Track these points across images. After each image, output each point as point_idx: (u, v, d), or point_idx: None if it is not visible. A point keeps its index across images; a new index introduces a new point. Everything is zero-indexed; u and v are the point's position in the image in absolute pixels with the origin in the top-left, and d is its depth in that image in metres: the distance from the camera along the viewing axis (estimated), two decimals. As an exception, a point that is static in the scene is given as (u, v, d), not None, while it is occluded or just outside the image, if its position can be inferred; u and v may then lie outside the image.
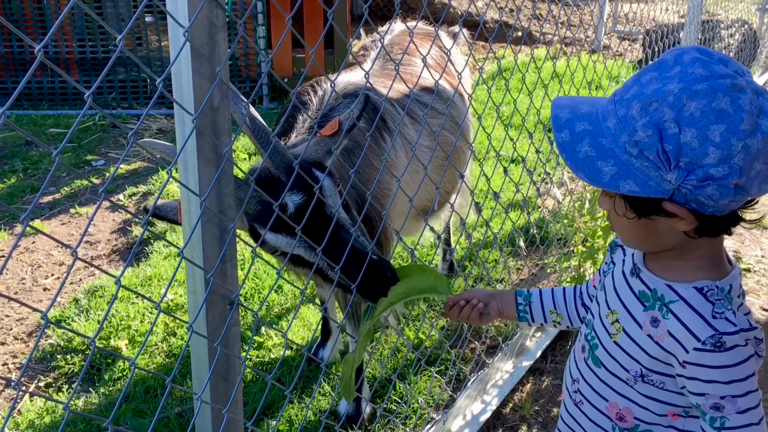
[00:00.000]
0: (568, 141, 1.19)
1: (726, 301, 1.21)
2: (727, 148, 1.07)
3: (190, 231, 1.32)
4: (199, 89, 1.26)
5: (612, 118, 1.16)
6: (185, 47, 1.21)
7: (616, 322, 1.35)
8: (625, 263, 1.40)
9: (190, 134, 1.25)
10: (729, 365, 1.18)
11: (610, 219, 1.30)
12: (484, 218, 2.34)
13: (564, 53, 7.63)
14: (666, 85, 1.10)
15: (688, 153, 1.09)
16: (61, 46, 6.30)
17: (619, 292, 1.37)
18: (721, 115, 1.07)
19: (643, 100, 1.11)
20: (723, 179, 1.08)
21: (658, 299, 1.27)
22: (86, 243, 4.12)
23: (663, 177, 1.11)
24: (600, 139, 1.16)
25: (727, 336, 1.17)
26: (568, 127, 1.20)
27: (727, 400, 1.19)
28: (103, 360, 3.00)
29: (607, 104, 1.20)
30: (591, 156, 1.16)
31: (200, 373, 1.45)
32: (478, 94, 6.19)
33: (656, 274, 1.29)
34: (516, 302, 1.66)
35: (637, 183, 1.13)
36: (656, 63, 1.16)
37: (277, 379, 2.89)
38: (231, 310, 1.43)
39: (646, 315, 1.28)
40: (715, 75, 1.08)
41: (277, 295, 3.46)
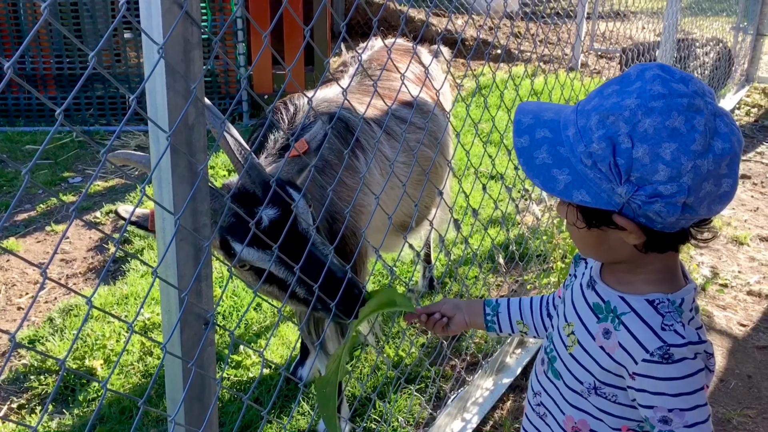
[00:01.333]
0: (527, 147, 1.19)
1: (676, 313, 1.22)
2: (677, 166, 1.08)
3: (165, 249, 1.30)
4: (173, 106, 1.24)
5: (572, 127, 1.17)
6: (159, 64, 1.20)
7: (571, 334, 1.36)
8: (584, 276, 1.41)
9: (165, 151, 1.23)
10: (677, 377, 1.18)
11: (567, 227, 1.31)
12: (463, 235, 2.33)
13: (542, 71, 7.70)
14: (624, 99, 1.12)
15: (638, 168, 1.10)
16: (38, 62, 6.24)
17: (575, 305, 1.38)
18: (674, 133, 1.08)
19: (602, 112, 1.13)
20: (671, 197, 1.09)
21: (611, 311, 1.28)
22: (62, 261, 4.06)
23: (614, 190, 1.13)
24: (558, 148, 1.17)
25: (675, 348, 1.18)
26: (529, 132, 1.21)
27: (674, 413, 1.19)
28: (77, 380, 2.94)
29: (569, 113, 1.21)
30: (547, 163, 1.16)
31: (174, 395, 1.42)
32: (456, 111, 6.22)
33: (610, 287, 1.31)
34: (484, 313, 1.67)
35: (589, 193, 1.14)
36: (620, 76, 1.18)
37: (254, 399, 2.85)
38: (206, 329, 1.40)
39: (599, 327, 1.29)
40: (673, 93, 1.10)
41: (256, 313, 3.42)
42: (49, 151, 5.58)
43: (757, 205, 5.06)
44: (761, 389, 3.06)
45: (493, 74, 2.78)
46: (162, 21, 1.19)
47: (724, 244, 4.41)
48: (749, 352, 3.33)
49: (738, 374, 3.15)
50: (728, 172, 1.11)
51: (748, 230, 4.59)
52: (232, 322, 3.33)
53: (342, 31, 1.66)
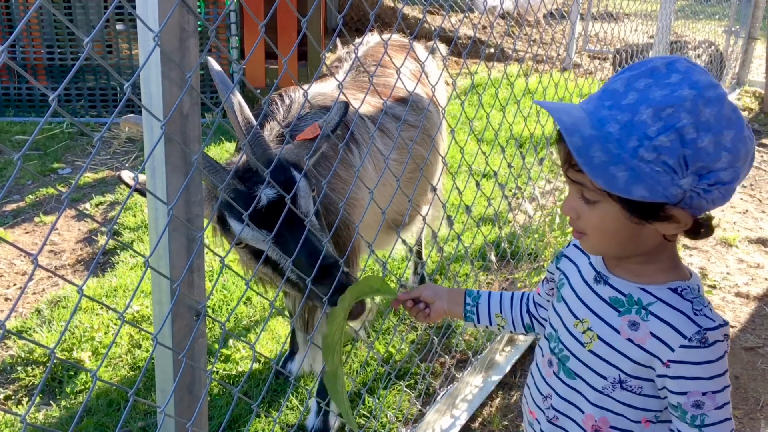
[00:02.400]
0: (582, 146, 1.14)
1: (701, 298, 1.26)
2: (736, 152, 1.12)
3: (157, 240, 1.29)
4: (168, 95, 1.23)
5: (613, 123, 1.14)
6: (155, 52, 1.19)
7: (588, 331, 1.35)
8: (583, 273, 1.40)
9: (158, 141, 1.22)
10: (712, 360, 1.21)
11: (580, 225, 1.28)
12: (455, 232, 2.33)
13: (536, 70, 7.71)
14: (676, 90, 1.11)
15: (703, 158, 1.11)
16: (29, 51, 6.19)
17: (586, 301, 1.37)
18: (730, 121, 1.12)
19: (655, 105, 1.11)
20: (730, 182, 1.14)
21: (635, 303, 1.28)
22: (50, 252, 4.03)
23: (674, 182, 1.12)
24: (607, 144, 1.14)
25: (710, 332, 1.21)
26: (578, 131, 1.16)
27: (707, 397, 1.22)
28: (65, 372, 2.92)
29: (595, 109, 1.18)
30: (604, 161, 1.13)
31: (164, 386, 1.41)
32: (450, 108, 6.22)
33: (627, 279, 1.31)
34: (464, 302, 1.68)
35: (646, 188, 1.12)
36: (644, 70, 1.16)
37: (244, 392, 2.84)
38: (197, 321, 1.39)
39: (623, 320, 1.29)
40: (714, 84, 1.14)
41: (245, 307, 3.41)
42: (38, 141, 5.54)
43: (746, 208, 5.09)
44: (748, 390, 3.08)
45: (489, 73, 2.77)
46: (158, 8, 1.18)
47: (713, 245, 4.43)
48: (737, 353, 3.35)
49: (725, 375, 3.16)
50: None
51: (737, 232, 4.62)
52: (222, 316, 3.32)
53: (339, 24, 1.66)
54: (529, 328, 1.66)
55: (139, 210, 4.42)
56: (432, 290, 1.71)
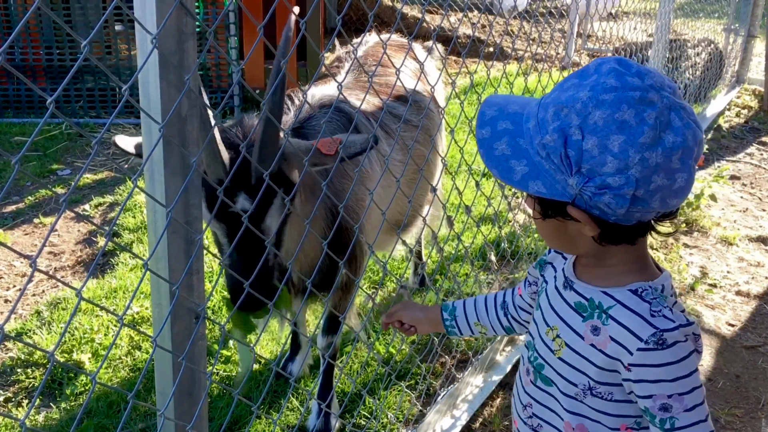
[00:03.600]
0: (488, 138, 1.21)
1: (661, 299, 1.23)
2: (624, 158, 1.09)
3: (156, 242, 1.29)
4: (167, 97, 1.23)
5: (533, 119, 1.18)
6: (153, 54, 1.18)
7: (557, 338, 1.34)
8: (557, 279, 1.40)
9: (157, 143, 1.22)
10: (672, 362, 1.18)
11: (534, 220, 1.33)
12: (455, 232, 2.33)
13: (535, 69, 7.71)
14: (579, 92, 1.13)
15: (588, 160, 1.11)
16: (28, 53, 6.19)
17: (555, 308, 1.37)
18: (623, 126, 1.09)
19: (558, 104, 1.14)
20: (619, 189, 1.11)
21: (596, 307, 1.28)
22: (50, 254, 4.03)
23: (566, 181, 1.14)
24: (518, 139, 1.18)
25: (667, 333, 1.18)
26: (490, 124, 1.22)
27: (674, 399, 1.19)
28: (65, 374, 2.92)
29: (534, 106, 1.22)
30: (506, 154, 1.18)
31: (164, 389, 1.41)
32: (450, 108, 6.22)
33: (589, 283, 1.31)
34: (442, 318, 1.69)
35: (545, 184, 1.15)
36: (581, 70, 1.18)
37: (244, 394, 2.84)
38: (197, 323, 1.39)
39: (586, 325, 1.28)
40: (626, 87, 1.10)
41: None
42: (38, 143, 5.53)
43: (746, 206, 5.08)
44: (749, 389, 3.08)
45: (488, 72, 2.77)
46: (156, 11, 1.17)
47: (713, 244, 4.43)
48: (737, 351, 3.34)
49: (726, 374, 3.16)
50: (681, 167, 1.11)
51: (737, 231, 4.62)
52: (221, 317, 3.32)
53: (337, 25, 1.65)
54: (509, 330, 1.67)
55: (138, 211, 4.41)
56: (410, 314, 1.73)
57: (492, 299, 1.66)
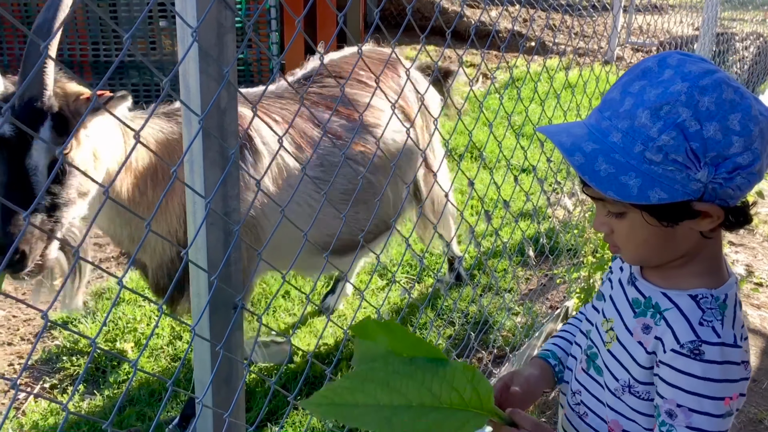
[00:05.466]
0: (584, 162, 1.14)
1: (718, 311, 1.19)
2: (748, 134, 1.09)
3: (195, 233, 1.31)
4: (206, 90, 1.25)
5: (615, 132, 1.14)
6: (193, 47, 1.20)
7: (610, 330, 1.34)
8: (623, 271, 1.39)
9: (196, 135, 1.24)
10: (697, 376, 1.15)
11: (614, 239, 1.25)
12: (493, 227, 2.31)
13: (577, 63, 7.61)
14: (669, 87, 1.11)
15: (713, 147, 1.08)
16: (75, 49, 6.33)
17: (615, 301, 1.36)
18: (733, 104, 1.09)
19: (650, 106, 1.10)
20: (749, 166, 1.10)
21: (652, 306, 1.26)
22: (95, 245, 4.12)
23: (691, 177, 1.10)
24: (612, 155, 1.13)
25: (706, 345, 1.15)
26: (578, 149, 1.16)
27: (682, 410, 1.16)
28: (108, 362, 2.99)
29: (596, 122, 1.18)
30: (611, 173, 1.12)
31: (202, 377, 1.44)
32: (489, 102, 6.18)
33: (652, 283, 1.28)
34: (551, 365, 1.52)
35: (663, 190, 1.10)
36: (638, 73, 1.16)
37: (282, 385, 2.87)
38: (235, 313, 1.41)
39: (637, 322, 1.27)
40: (709, 70, 1.11)
41: (284, 301, 3.44)
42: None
43: (795, 204, 4.94)
44: (795, 391, 3.00)
45: (528, 66, 2.74)
46: (196, 5, 1.20)
47: (760, 242, 4.32)
48: (784, 352, 3.26)
49: (771, 375, 3.09)
50: None
51: (785, 229, 4.50)
52: (260, 309, 3.36)
53: (375, 19, 1.66)
54: None
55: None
56: (524, 375, 1.46)
57: (573, 328, 1.57)
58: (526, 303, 3.35)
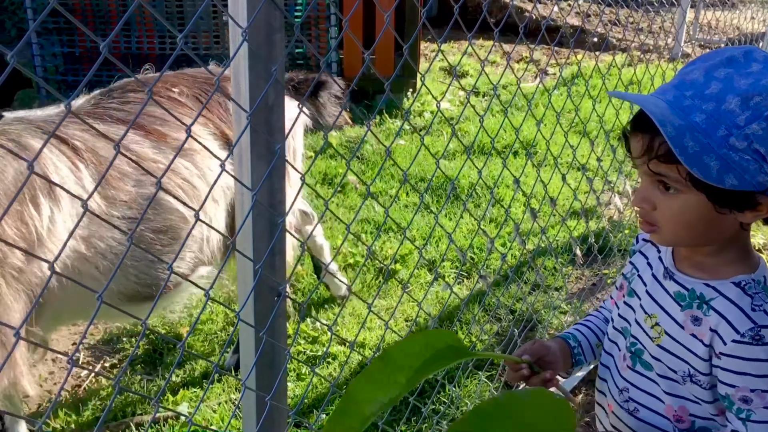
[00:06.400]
0: (676, 136, 1.14)
1: (764, 293, 1.24)
2: None
3: (242, 223, 1.38)
4: (255, 87, 1.31)
5: (698, 113, 1.15)
6: (243, 47, 1.26)
7: (656, 326, 1.36)
8: (653, 267, 1.41)
9: (244, 130, 1.30)
10: (764, 359, 1.20)
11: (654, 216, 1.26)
12: (539, 225, 2.32)
13: (641, 60, 7.45)
14: (761, 79, 1.13)
15: None
16: (143, 41, 6.56)
17: (654, 296, 1.38)
18: None
19: (741, 94, 1.13)
20: None
21: (697, 297, 1.29)
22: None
23: (763, 170, 1.13)
24: (695, 134, 1.14)
25: (765, 329, 1.20)
26: (668, 121, 1.15)
27: (756, 394, 1.21)
28: (164, 345, 3.12)
29: (675, 99, 1.18)
30: (697, 151, 1.13)
31: (247, 361, 1.51)
32: (545, 99, 6.12)
33: (691, 275, 1.32)
34: (570, 347, 1.57)
35: (736, 177, 1.13)
36: (723, 60, 1.18)
37: (328, 374, 2.94)
38: (278, 301, 1.48)
39: (685, 314, 1.30)
40: None
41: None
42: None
43: None
44: None
45: (576, 62, 2.73)
46: (247, 5, 1.25)
47: None
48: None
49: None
50: None
51: None
52: (302, 297, 3.43)
53: (422, 18, 1.69)
54: None
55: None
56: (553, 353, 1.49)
57: (597, 319, 1.62)
58: (574, 302, 3.33)
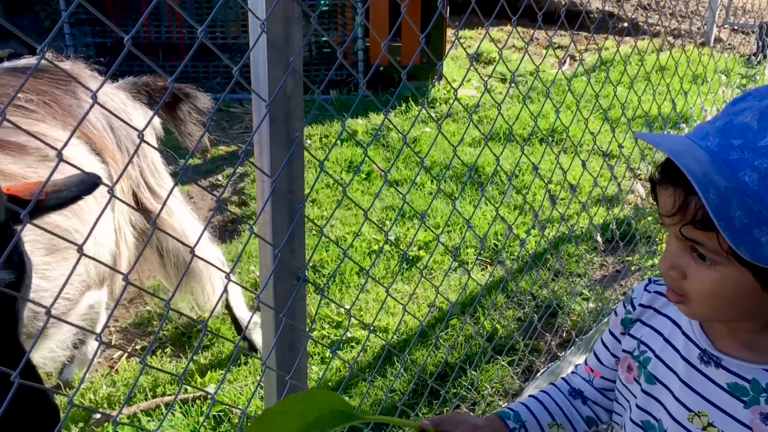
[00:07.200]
0: (720, 204, 0.88)
1: None
2: None
3: (261, 209, 1.43)
4: (273, 77, 1.36)
5: (749, 170, 0.90)
6: (261, 38, 1.31)
7: (710, 427, 1.12)
8: (678, 348, 1.18)
9: (263, 119, 1.35)
10: None
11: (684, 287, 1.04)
12: (559, 211, 2.34)
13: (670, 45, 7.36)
14: None
15: None
16: (173, 31, 6.65)
17: (696, 389, 1.13)
18: None
19: None
20: None
21: (763, 390, 1.05)
22: (185, 219, 4.38)
23: None
24: (745, 199, 0.89)
25: None
26: (711, 184, 0.89)
27: None
28: (193, 329, 3.20)
29: (719, 149, 0.94)
30: (745, 223, 0.88)
31: (268, 341, 1.57)
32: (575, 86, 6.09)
33: (744, 360, 1.08)
34: (509, 429, 1.34)
35: None
36: None
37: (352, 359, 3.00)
38: (297, 284, 1.53)
39: (752, 412, 1.06)
40: None
41: (358, 278, 3.56)
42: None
43: None
44: None
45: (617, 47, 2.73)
46: (265, -1, 1.30)
47: None
48: None
49: None
50: None
51: None
52: (335, 286, 3.49)
53: (439, 7, 1.72)
54: (592, 421, 1.38)
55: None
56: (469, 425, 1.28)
57: (557, 392, 1.40)
58: (597, 288, 3.34)
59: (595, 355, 1.36)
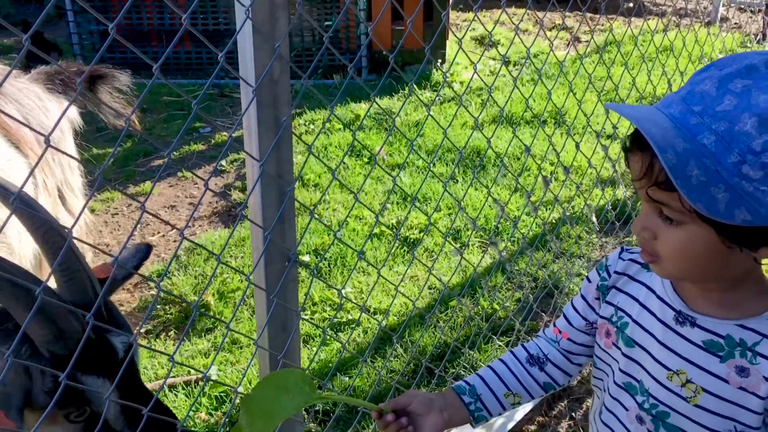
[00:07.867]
0: (677, 164, 0.95)
1: None
2: None
3: (250, 192, 1.46)
4: (259, 63, 1.38)
5: (707, 133, 0.96)
6: (247, 24, 1.33)
7: (689, 383, 1.16)
8: (653, 311, 1.22)
9: (250, 104, 1.38)
10: None
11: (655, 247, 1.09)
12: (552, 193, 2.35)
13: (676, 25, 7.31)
14: None
15: None
16: (176, 18, 6.67)
17: (673, 348, 1.18)
18: None
19: (759, 113, 0.94)
20: None
21: (737, 344, 1.11)
22: (190, 204, 4.42)
23: None
24: (703, 160, 0.95)
25: None
26: (670, 146, 0.96)
27: None
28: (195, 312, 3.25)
29: (681, 115, 1.00)
30: (702, 181, 0.94)
31: (260, 322, 1.60)
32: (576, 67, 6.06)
33: (716, 316, 1.14)
34: (464, 403, 1.37)
35: (749, 211, 0.95)
36: (741, 68, 0.99)
37: (352, 340, 3.04)
38: (288, 266, 1.56)
39: (728, 366, 1.12)
40: None
41: (361, 262, 3.60)
42: (183, 102, 5.99)
43: None
44: None
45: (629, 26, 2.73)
46: (250, -16, 1.32)
47: None
48: None
49: None
50: None
51: None
52: (336, 269, 3.52)
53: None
54: (549, 386, 1.43)
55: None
56: (425, 398, 1.34)
57: (514, 360, 1.42)
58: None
59: (565, 317, 1.40)
